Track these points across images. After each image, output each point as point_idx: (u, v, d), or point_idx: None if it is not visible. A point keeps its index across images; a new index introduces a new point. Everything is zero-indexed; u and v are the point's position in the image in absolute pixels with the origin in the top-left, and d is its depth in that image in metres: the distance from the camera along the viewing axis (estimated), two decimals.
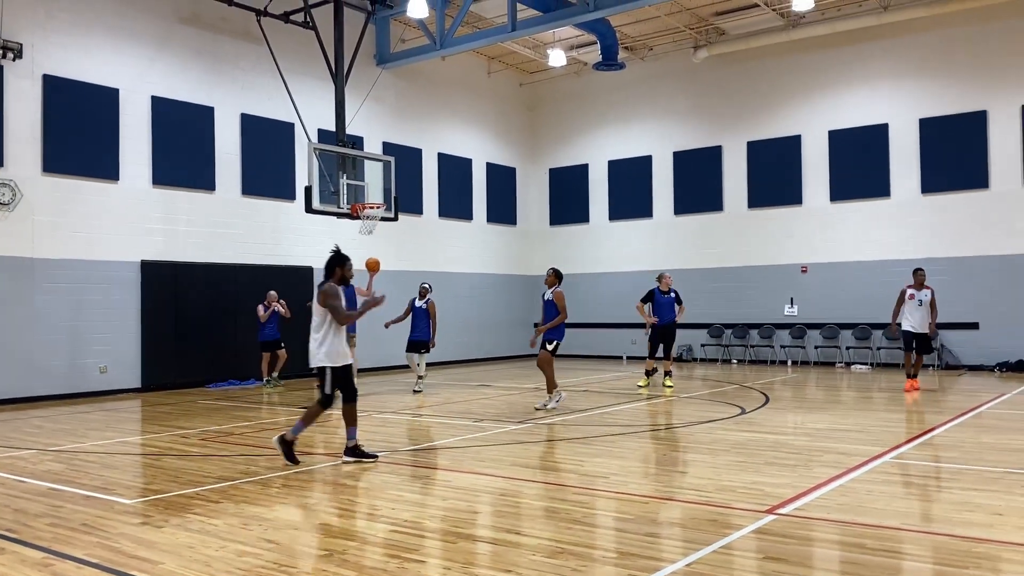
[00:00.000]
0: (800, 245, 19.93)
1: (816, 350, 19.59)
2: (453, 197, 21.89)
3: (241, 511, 6.11)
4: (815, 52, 19.75)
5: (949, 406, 11.91)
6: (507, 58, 22.81)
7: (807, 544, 5.18)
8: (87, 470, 7.84)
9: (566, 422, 10.64)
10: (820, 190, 19.76)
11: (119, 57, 15.12)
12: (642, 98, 22.50)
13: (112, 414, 12.27)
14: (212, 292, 16.21)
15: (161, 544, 5.29)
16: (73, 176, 14.42)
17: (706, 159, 21.37)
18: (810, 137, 19.91)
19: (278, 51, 16.16)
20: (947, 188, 18.09)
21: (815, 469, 7.34)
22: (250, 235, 17.03)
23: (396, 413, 11.99)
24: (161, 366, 15.39)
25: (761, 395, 13.35)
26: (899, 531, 5.36)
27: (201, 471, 7.70)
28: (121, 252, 15.01)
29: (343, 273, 8.26)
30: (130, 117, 15.22)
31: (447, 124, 21.86)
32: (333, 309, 7.88)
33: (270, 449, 8.87)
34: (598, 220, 23.28)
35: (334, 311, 7.88)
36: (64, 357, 14.20)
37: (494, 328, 22.81)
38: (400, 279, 19.78)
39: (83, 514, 6.09)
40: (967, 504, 6.05)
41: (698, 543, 5.14)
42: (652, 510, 6.06)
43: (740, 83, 20.93)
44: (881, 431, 9.53)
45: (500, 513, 6.15)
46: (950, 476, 7.06)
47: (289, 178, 17.67)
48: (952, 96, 18.12)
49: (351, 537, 5.43)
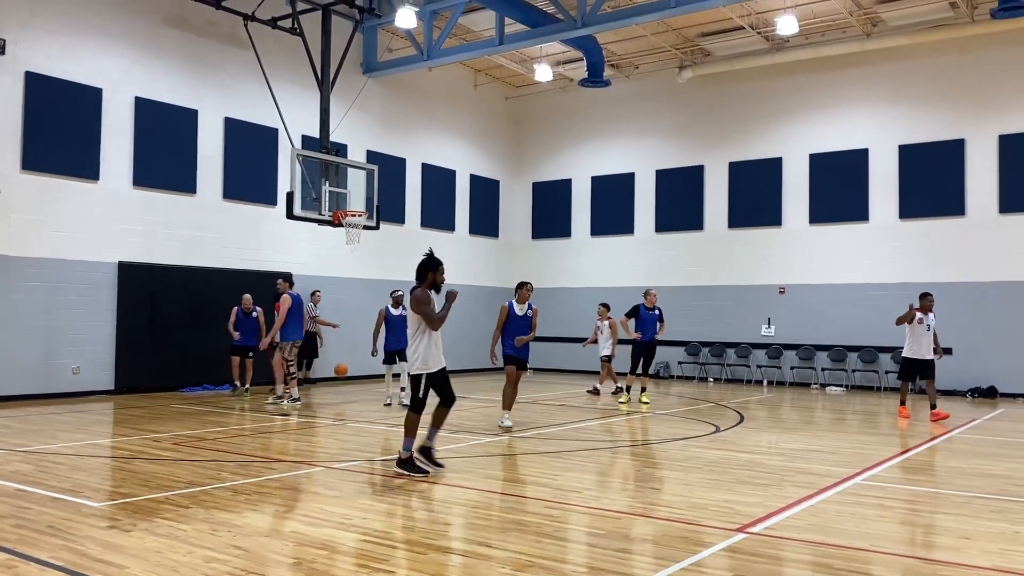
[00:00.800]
0: (779, 266, 20.10)
1: (792, 371, 19.72)
2: (436, 208, 21.89)
3: (211, 517, 6.06)
4: (798, 76, 19.99)
5: (921, 430, 12.02)
6: (494, 71, 22.90)
7: (776, 563, 5.20)
8: (55, 472, 7.74)
9: (541, 436, 10.64)
10: (800, 212, 19.95)
11: (103, 57, 15.04)
12: (626, 116, 22.65)
13: (84, 416, 12.13)
14: (190, 295, 16.09)
15: (128, 548, 5.23)
16: (53, 174, 14.29)
17: (688, 178, 21.53)
18: (791, 159, 20.11)
19: (264, 56, 16.14)
20: (925, 214, 18.33)
21: (787, 489, 7.38)
22: (230, 239, 16.94)
23: (371, 423, 11.93)
24: (135, 368, 15.24)
25: (736, 414, 13.41)
26: (867, 552, 5.40)
27: (172, 475, 7.62)
28: (99, 252, 14.88)
29: (435, 278, 8.06)
30: (113, 117, 15.13)
31: (432, 135, 21.89)
32: (425, 316, 7.77)
33: (243, 455, 8.81)
34: (580, 235, 23.37)
35: (426, 318, 7.77)
36: (37, 357, 14.04)
37: (473, 340, 22.74)
38: (381, 288, 19.74)
39: (49, 516, 6.01)
40: (935, 527, 6.10)
41: (668, 560, 5.15)
42: (624, 526, 6.07)
43: (724, 104, 21.13)
44: (853, 453, 9.60)
45: (471, 525, 6.14)
46: (919, 499, 7.12)
47: (271, 183, 17.61)
48: (931, 124, 18.39)
49: (321, 546, 5.39)
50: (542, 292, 23.61)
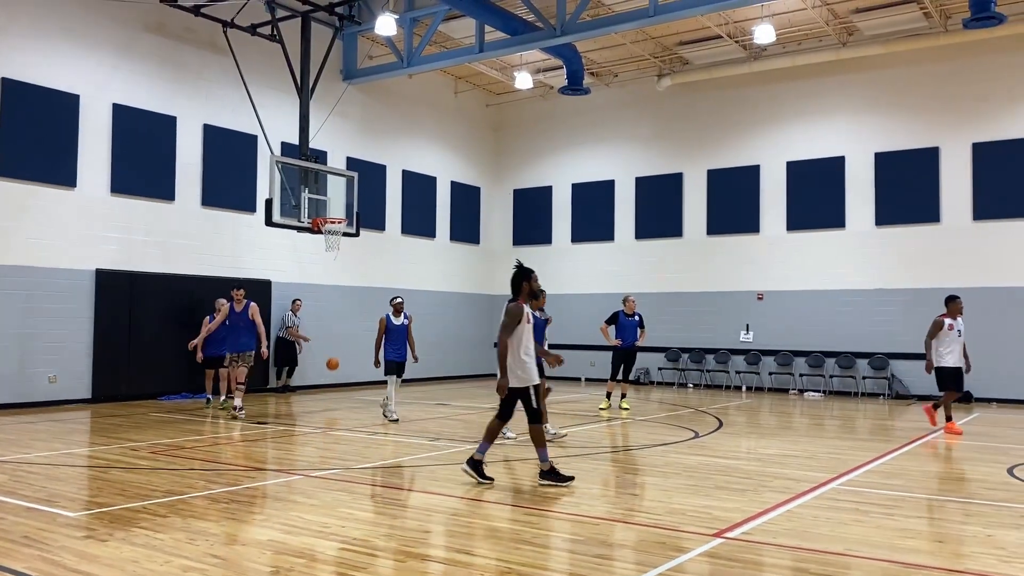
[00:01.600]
0: (757, 273, 20.26)
1: (770, 376, 19.86)
2: (417, 214, 21.89)
3: (188, 526, 6.03)
4: (775, 84, 20.18)
5: (897, 435, 12.14)
6: (474, 78, 22.95)
7: (753, 568, 5.24)
8: (30, 481, 7.67)
9: (521, 443, 10.65)
10: (777, 219, 20.12)
11: (81, 63, 14.94)
12: (606, 123, 22.77)
13: (60, 425, 12.01)
14: (168, 303, 15.98)
15: (104, 558, 5.19)
16: (29, 181, 14.16)
17: (667, 185, 21.67)
18: (769, 167, 20.29)
19: (243, 63, 16.09)
20: (900, 221, 18.54)
21: (764, 494, 7.44)
22: (209, 246, 16.85)
23: (351, 431, 11.90)
24: (113, 377, 15.11)
25: (715, 419, 13.49)
26: (843, 556, 5.46)
27: (149, 484, 7.57)
28: (76, 260, 14.76)
29: (531, 286, 7.95)
30: (90, 124, 15.03)
31: (412, 141, 21.90)
32: (501, 326, 7.69)
33: (221, 463, 8.77)
34: (560, 242, 23.43)
35: (500, 328, 7.69)
36: (12, 365, 13.88)
37: (455, 347, 22.78)
38: (362, 295, 19.72)
39: (24, 526, 5.96)
40: (909, 531, 6.17)
41: (647, 565, 5.19)
42: (603, 531, 6.10)
43: (702, 112, 21.29)
44: (830, 458, 9.69)
45: (451, 533, 6.14)
46: (894, 503, 7.20)
47: (250, 190, 17.54)
48: (906, 132, 18.62)
49: (299, 554, 5.38)
50: None
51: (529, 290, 7.95)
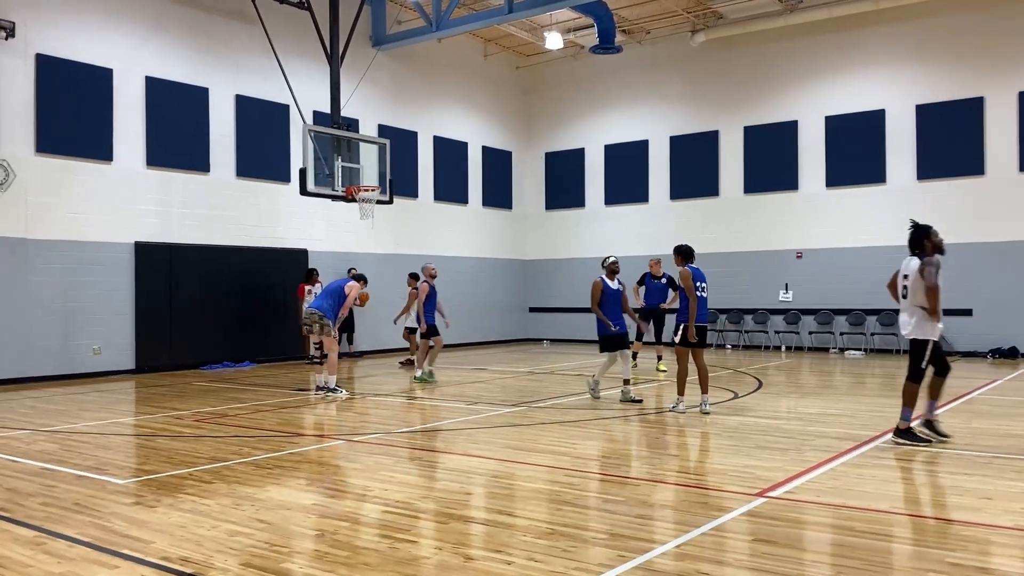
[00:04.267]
0: (795, 231, 19.95)
1: (810, 336, 19.64)
2: (448, 181, 21.83)
3: (233, 491, 6.12)
4: (813, 37, 19.69)
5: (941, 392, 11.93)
6: (503, 40, 22.70)
7: (797, 527, 5.20)
8: (80, 450, 7.84)
9: (559, 406, 10.67)
10: (816, 176, 19.75)
11: (113, 36, 15.01)
12: (639, 82, 22.42)
13: (106, 395, 12.26)
14: (206, 274, 16.17)
15: (153, 523, 5.30)
16: (67, 156, 14.33)
17: (703, 144, 21.34)
18: (807, 122, 19.88)
19: (273, 32, 16.04)
20: (943, 175, 18.09)
21: (806, 453, 7.37)
22: (245, 217, 16.97)
23: (390, 395, 12.00)
24: (155, 348, 15.37)
25: (755, 380, 13.38)
26: (888, 514, 5.39)
27: (194, 452, 7.71)
28: (115, 233, 14.95)
29: (932, 242, 7.91)
30: (124, 97, 15.13)
31: (443, 107, 21.77)
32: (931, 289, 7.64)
33: (265, 429, 8.89)
34: (594, 205, 23.25)
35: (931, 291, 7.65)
36: (58, 338, 14.17)
37: (489, 312, 22.82)
38: (395, 263, 19.78)
39: (75, 494, 6.09)
40: (956, 488, 6.08)
41: (689, 525, 5.17)
42: (644, 492, 6.09)
43: (737, 68, 20.87)
44: (872, 416, 9.57)
45: (492, 495, 6.17)
46: (940, 461, 7.10)
47: (284, 160, 17.60)
48: (949, 82, 18.09)
49: (343, 518, 5.44)
50: (556, 263, 23.61)
51: (934, 245, 7.84)
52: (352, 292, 11.99)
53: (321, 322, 11.65)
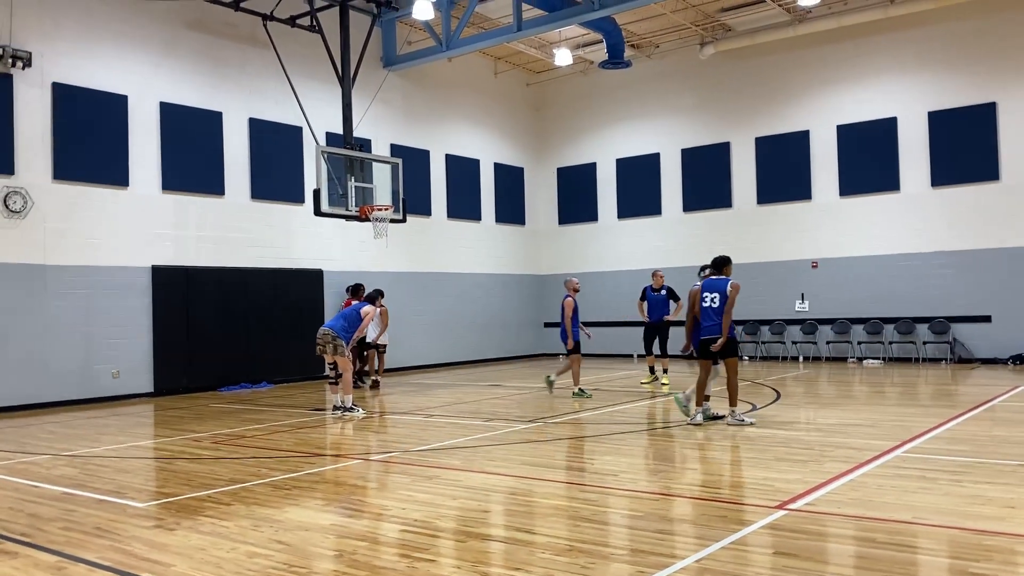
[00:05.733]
0: (810, 240, 19.87)
1: (828, 345, 19.52)
2: (461, 198, 21.91)
3: (252, 513, 6.14)
4: (822, 47, 19.69)
5: (962, 400, 11.84)
6: (513, 58, 22.82)
7: (818, 539, 5.16)
8: (100, 474, 7.88)
9: (576, 421, 10.64)
10: (829, 185, 19.69)
11: (126, 63, 15.20)
12: (649, 96, 22.46)
13: (125, 418, 12.33)
14: (223, 296, 16.27)
15: (173, 546, 5.32)
16: (83, 183, 14.49)
17: (714, 156, 21.33)
18: (818, 132, 19.84)
19: (284, 55, 16.20)
20: (957, 181, 18.00)
21: (826, 464, 7.32)
22: (260, 239, 17.09)
23: (406, 414, 12.01)
24: (173, 370, 15.45)
25: (772, 391, 13.30)
26: (911, 525, 5.34)
27: (213, 474, 7.73)
28: (132, 258, 15.08)
29: None
30: (139, 123, 15.30)
31: (454, 125, 21.89)
32: None
33: (282, 450, 8.91)
34: (607, 219, 23.26)
35: None
36: (77, 363, 14.28)
37: (503, 328, 22.83)
38: (410, 280, 19.85)
39: (96, 518, 6.13)
40: (979, 497, 6.01)
41: (709, 539, 5.13)
42: (663, 507, 6.06)
43: (747, 79, 20.88)
44: (893, 426, 9.49)
45: (511, 512, 6.16)
46: (962, 469, 7.03)
47: (298, 181, 17.72)
48: (961, 88, 18.03)
49: (361, 537, 5.44)
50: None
51: None
52: (368, 316, 12.08)
53: (334, 342, 11.69)
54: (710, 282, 10.02)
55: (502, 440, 9.27)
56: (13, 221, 13.61)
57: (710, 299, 9.83)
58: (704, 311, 9.86)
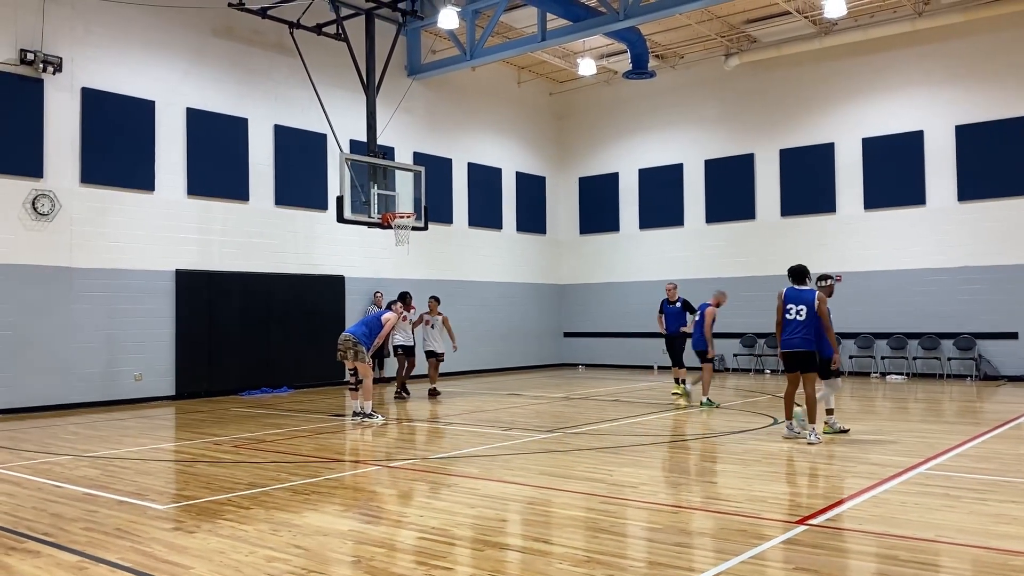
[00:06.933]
0: (834, 254, 19.69)
1: (851, 360, 19.32)
2: (483, 206, 21.95)
3: (271, 517, 6.16)
4: (848, 59, 19.57)
5: (987, 417, 11.68)
6: (537, 67, 22.87)
7: (839, 555, 5.10)
8: (121, 476, 7.95)
9: (595, 432, 10.60)
10: (854, 198, 19.54)
11: (155, 70, 15.39)
12: (673, 106, 22.42)
13: (146, 421, 12.43)
14: (246, 301, 16.39)
15: (192, 549, 5.34)
16: (110, 187, 14.68)
17: (738, 167, 21.24)
18: (843, 145, 19.71)
19: (310, 63, 16.33)
20: (985, 195, 17.80)
21: (848, 480, 7.24)
22: (283, 245, 17.21)
23: (426, 421, 12.02)
24: (195, 374, 15.57)
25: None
26: (933, 543, 5.27)
27: (233, 477, 7.77)
28: (157, 261, 15.23)
29: None
30: (166, 128, 15.48)
31: (477, 134, 21.96)
32: None
33: (302, 455, 8.95)
34: (628, 229, 23.20)
35: None
36: (100, 365, 14.43)
37: (523, 337, 22.82)
38: (430, 288, 19.86)
39: (117, 519, 6.17)
40: (1004, 516, 5.92)
41: (728, 553, 5.09)
42: (682, 520, 6.01)
43: (772, 91, 20.79)
44: (916, 442, 9.37)
45: (528, 522, 6.14)
46: (987, 488, 6.93)
47: (321, 188, 17.85)
48: (989, 102, 17.85)
49: (379, 544, 5.44)
50: (591, 288, 23.56)
51: None
52: (389, 322, 12.14)
53: (355, 348, 11.74)
54: (794, 292, 9.76)
55: (521, 449, 9.25)
56: (41, 224, 13.79)
57: (795, 311, 9.58)
58: (789, 323, 9.63)
